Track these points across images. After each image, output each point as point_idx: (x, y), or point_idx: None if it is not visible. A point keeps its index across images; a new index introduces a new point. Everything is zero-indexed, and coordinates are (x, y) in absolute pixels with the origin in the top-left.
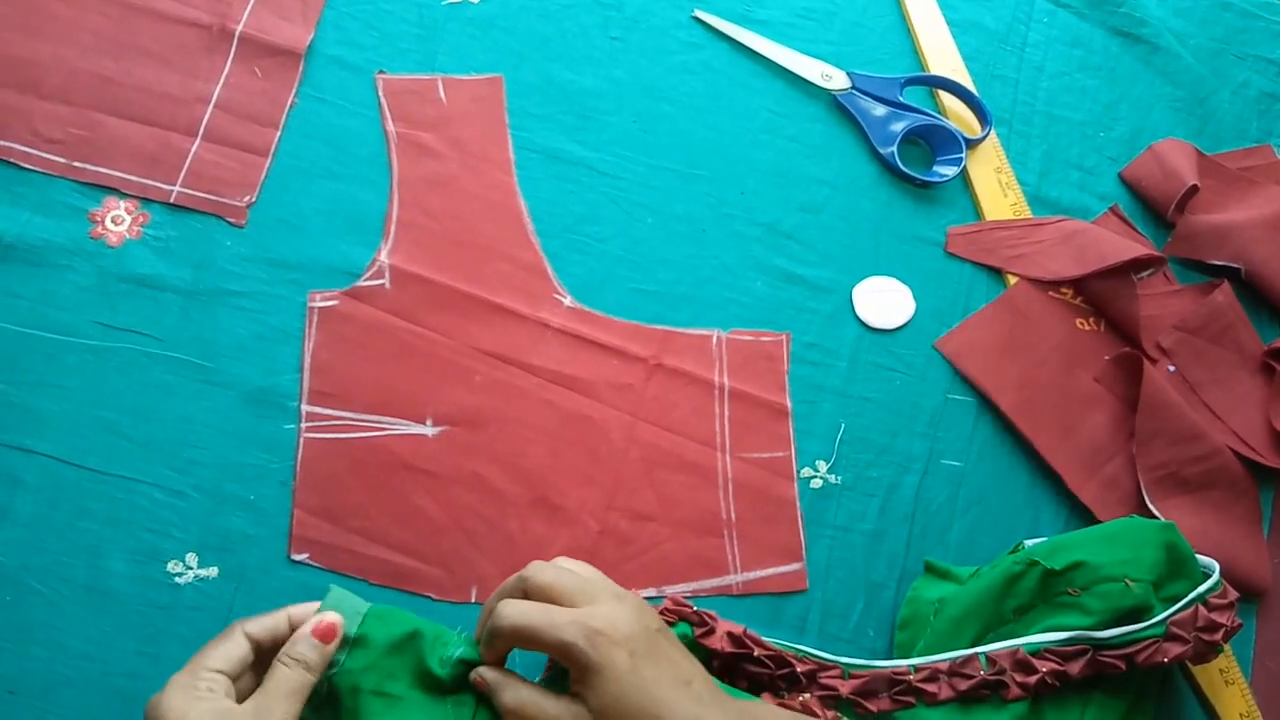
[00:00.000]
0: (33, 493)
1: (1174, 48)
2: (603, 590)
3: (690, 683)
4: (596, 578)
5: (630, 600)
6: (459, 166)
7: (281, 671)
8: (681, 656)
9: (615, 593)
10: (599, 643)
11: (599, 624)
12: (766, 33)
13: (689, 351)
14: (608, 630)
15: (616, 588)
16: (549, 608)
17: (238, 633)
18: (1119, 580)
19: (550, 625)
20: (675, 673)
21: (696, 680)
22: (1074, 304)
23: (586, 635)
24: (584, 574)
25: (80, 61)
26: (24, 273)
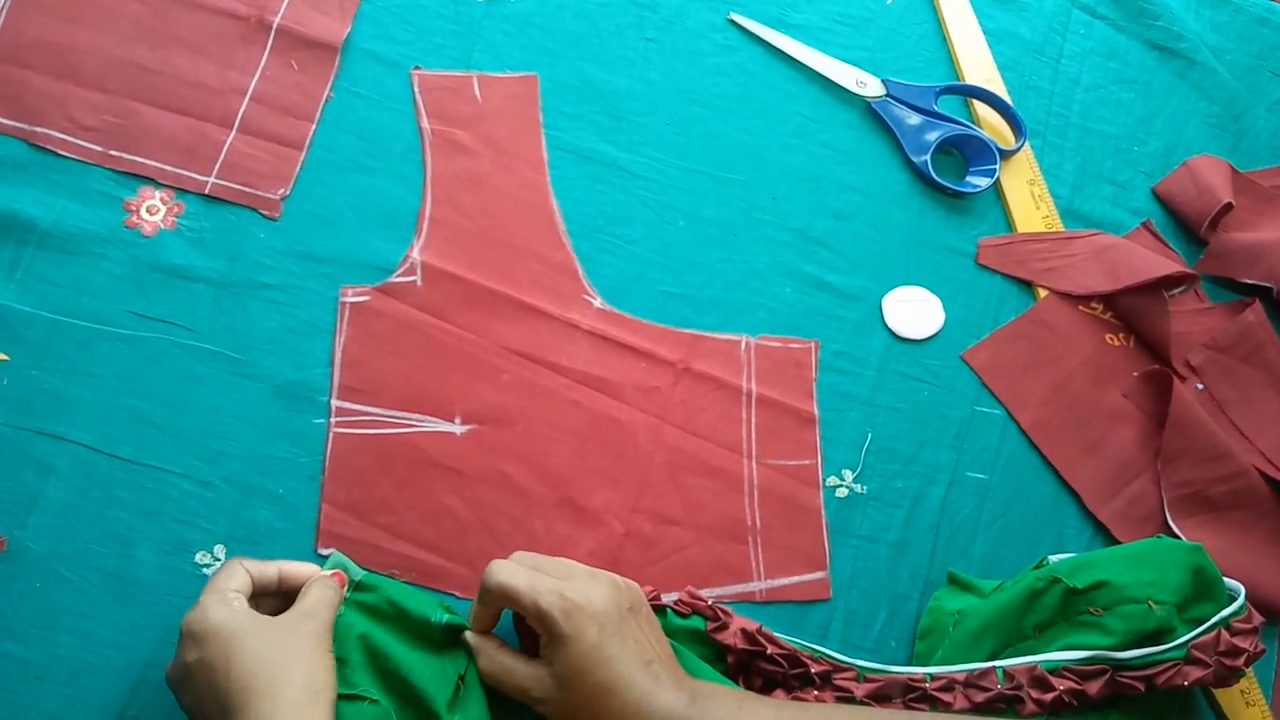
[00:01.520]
0: (63, 480)
1: (1210, 63)
2: (580, 569)
3: (650, 662)
4: (573, 562)
5: (604, 579)
6: (492, 164)
7: (318, 589)
8: (647, 636)
9: (590, 572)
10: (573, 614)
11: (576, 597)
12: (802, 37)
13: (717, 356)
14: (583, 604)
15: (591, 569)
16: (535, 574)
17: (238, 565)
18: (1142, 602)
19: (531, 590)
20: (638, 651)
21: (657, 661)
22: (1104, 319)
23: (562, 606)
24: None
25: (118, 50)
26: (59, 260)
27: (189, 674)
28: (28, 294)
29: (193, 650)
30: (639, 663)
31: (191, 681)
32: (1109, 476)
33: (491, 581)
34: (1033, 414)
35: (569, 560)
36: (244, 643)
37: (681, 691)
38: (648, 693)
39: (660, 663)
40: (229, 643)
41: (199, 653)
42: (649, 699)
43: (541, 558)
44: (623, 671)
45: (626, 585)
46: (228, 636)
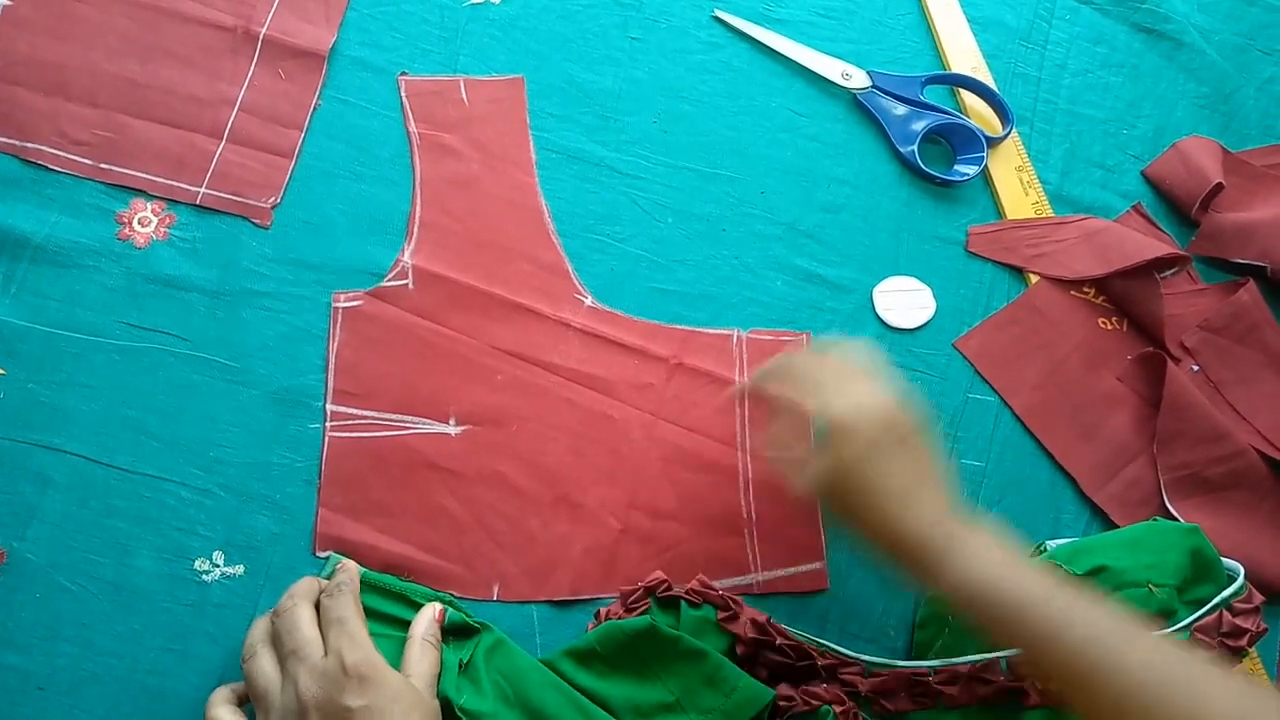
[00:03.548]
0: (62, 491)
1: (1198, 44)
2: (863, 387)
3: (906, 489)
4: (858, 375)
5: (879, 404)
6: (480, 167)
7: (429, 653)
8: (914, 466)
9: (871, 393)
10: (834, 434)
11: (842, 417)
12: (786, 32)
13: (709, 351)
14: (847, 425)
15: (878, 390)
16: (820, 388)
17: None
18: (1142, 585)
19: (791, 386)
20: (895, 478)
21: (916, 489)
22: (1096, 303)
23: (828, 420)
24: (846, 369)
25: (107, 64)
26: (52, 274)
27: None
28: (22, 308)
29: None
30: (892, 486)
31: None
32: (1105, 461)
33: (758, 381)
34: (1026, 400)
35: (862, 373)
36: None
37: (936, 525)
38: (895, 515)
39: (919, 492)
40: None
41: None
42: (896, 520)
43: (834, 365)
44: (872, 492)
45: (903, 416)
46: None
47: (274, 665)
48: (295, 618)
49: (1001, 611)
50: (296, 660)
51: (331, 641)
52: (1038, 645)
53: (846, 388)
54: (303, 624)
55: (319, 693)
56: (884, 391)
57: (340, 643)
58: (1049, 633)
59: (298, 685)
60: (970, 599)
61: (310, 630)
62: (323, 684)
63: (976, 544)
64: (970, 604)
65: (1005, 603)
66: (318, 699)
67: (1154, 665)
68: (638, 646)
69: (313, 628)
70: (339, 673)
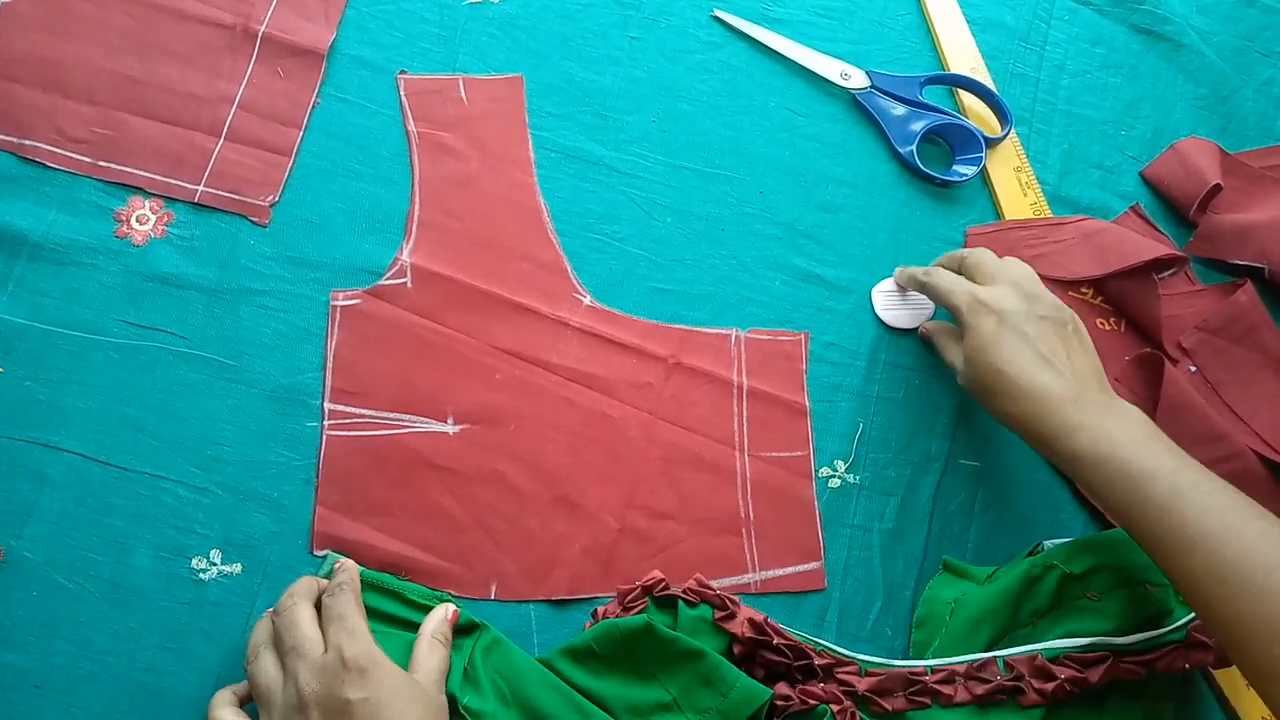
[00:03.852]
0: (59, 489)
1: (1197, 45)
2: (1012, 276)
3: (1048, 359)
4: (1019, 272)
5: (1026, 289)
6: (479, 166)
7: (438, 650)
8: (1060, 342)
9: (1016, 280)
10: (976, 308)
11: (984, 296)
12: (785, 31)
13: (707, 350)
14: (989, 301)
15: (1031, 285)
16: (958, 279)
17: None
18: (1139, 585)
19: (950, 290)
20: (1039, 348)
21: (1059, 360)
22: (1094, 304)
23: (969, 301)
24: (1006, 267)
25: (105, 61)
26: (50, 271)
27: None
28: (20, 306)
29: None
30: (1033, 353)
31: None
32: None
33: (929, 281)
34: None
35: (1015, 270)
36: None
37: (1083, 390)
38: (1033, 376)
39: (1069, 360)
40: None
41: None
42: (1035, 381)
43: (989, 259)
44: (1012, 356)
45: (1055, 306)
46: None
47: (276, 665)
48: (294, 616)
49: (1118, 482)
50: (296, 657)
51: (331, 637)
52: (1156, 515)
53: (1012, 269)
54: (302, 621)
55: (319, 687)
56: (1032, 289)
57: (340, 638)
58: (1167, 502)
59: (298, 681)
60: (1095, 465)
61: (310, 628)
62: (322, 678)
63: (1111, 416)
64: (1092, 470)
65: (1126, 472)
66: (318, 694)
67: (1255, 542)
68: (634, 645)
69: (312, 625)
70: (338, 666)
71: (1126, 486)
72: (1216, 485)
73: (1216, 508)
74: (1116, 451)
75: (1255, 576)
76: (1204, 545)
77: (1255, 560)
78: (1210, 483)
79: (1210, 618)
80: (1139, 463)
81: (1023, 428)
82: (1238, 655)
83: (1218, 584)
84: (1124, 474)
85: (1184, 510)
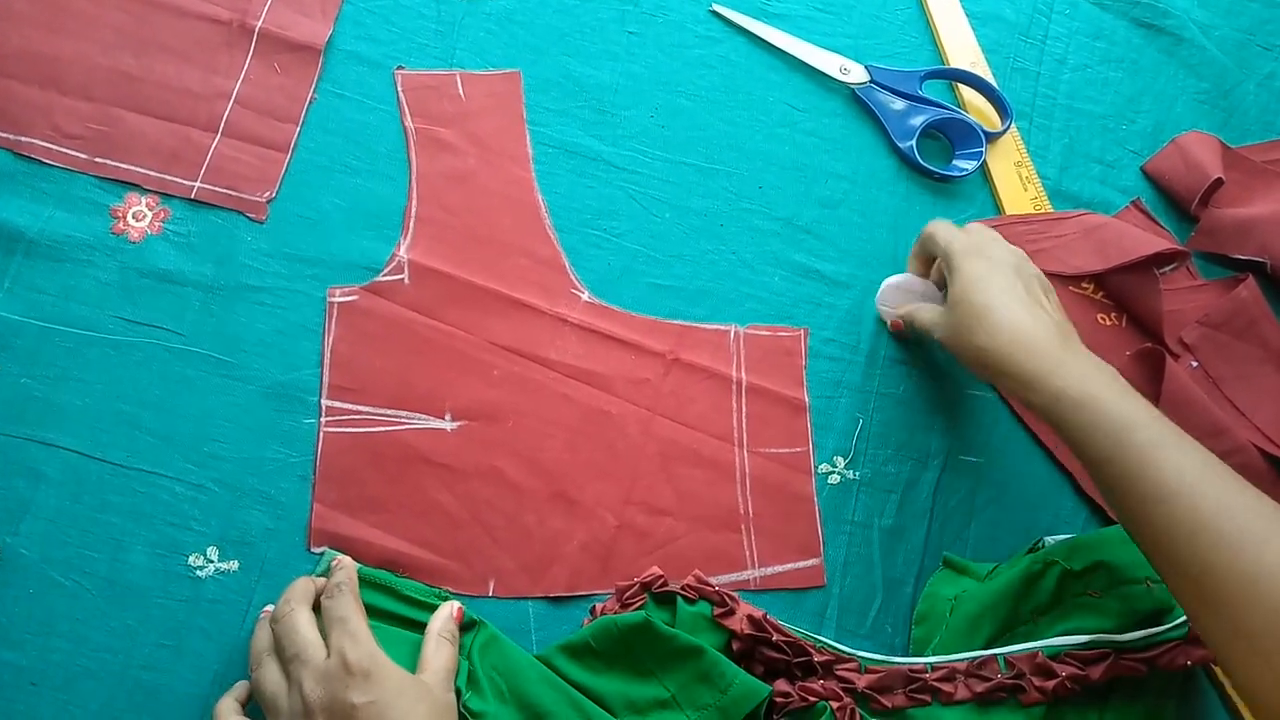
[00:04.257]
0: (55, 486)
1: (1198, 39)
2: (1004, 244)
3: (1035, 305)
4: (1009, 245)
5: (1017, 251)
6: (477, 162)
7: (445, 648)
8: (1044, 292)
9: (1008, 245)
10: (968, 252)
11: (977, 241)
12: (784, 26)
13: (706, 346)
14: (979, 245)
15: (1019, 254)
16: (953, 229)
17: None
18: (1140, 582)
19: (948, 237)
20: (1022, 289)
21: (1043, 310)
22: (1095, 299)
23: (960, 245)
24: (999, 238)
25: (101, 58)
26: (46, 268)
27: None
28: (16, 302)
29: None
30: (1023, 293)
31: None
32: None
33: (926, 229)
34: None
35: (1005, 243)
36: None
37: (1064, 336)
38: (1021, 312)
39: (1045, 309)
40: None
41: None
42: (1022, 317)
43: (985, 232)
44: (1000, 296)
45: (1040, 274)
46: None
47: (279, 672)
48: (293, 622)
49: (1101, 426)
50: (299, 664)
51: (334, 641)
52: (1137, 462)
53: (978, 239)
54: (301, 627)
55: (323, 694)
56: (1014, 249)
57: (342, 642)
58: (1147, 452)
59: (303, 688)
60: (1077, 406)
61: (310, 633)
62: (326, 684)
63: (1093, 363)
64: (1074, 412)
65: (1109, 417)
66: (322, 700)
67: (1232, 499)
68: (633, 642)
69: (312, 630)
70: (342, 671)
71: (1108, 431)
72: (1193, 442)
73: (1195, 462)
74: (1101, 393)
75: (1231, 529)
76: (1183, 495)
77: (1231, 514)
78: (1187, 440)
79: (1179, 571)
80: (1120, 409)
81: (1003, 367)
82: (1204, 611)
83: (1192, 535)
84: (1107, 418)
85: (1164, 461)
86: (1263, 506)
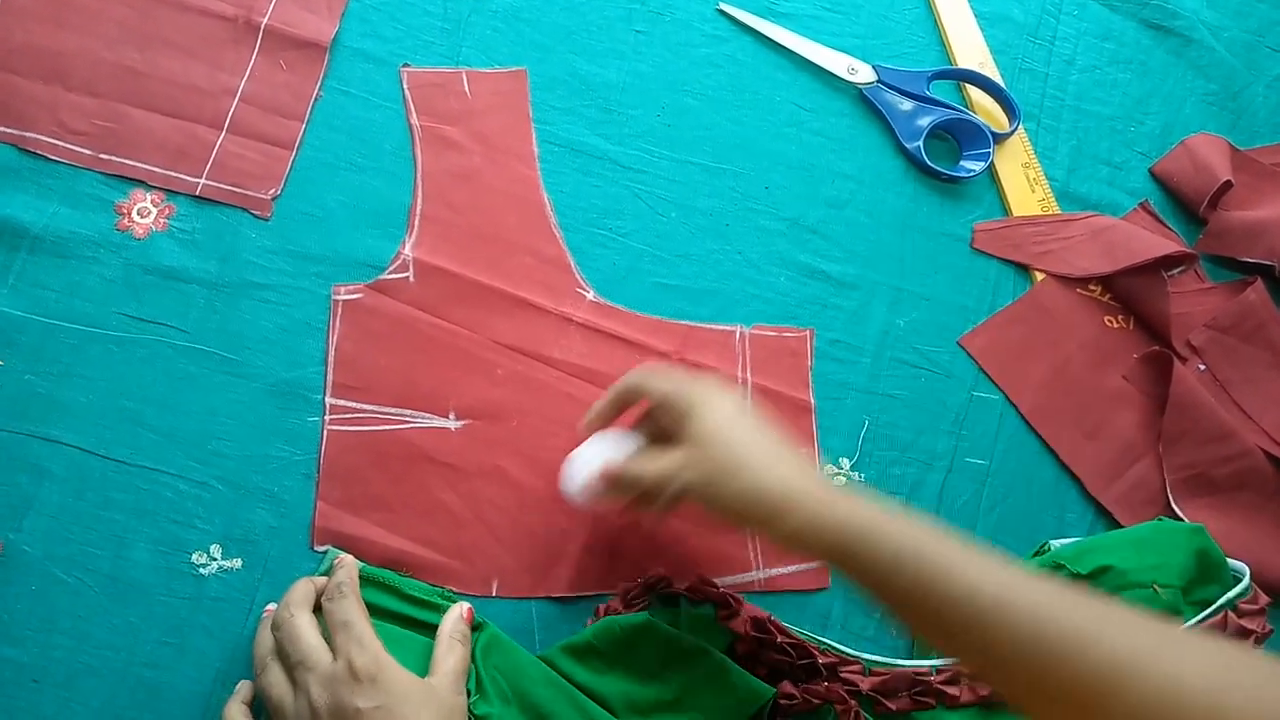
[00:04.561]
0: (58, 483)
1: (1207, 41)
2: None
3: (780, 443)
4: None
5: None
6: (483, 160)
7: (456, 649)
8: (776, 436)
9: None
10: (707, 389)
11: (702, 382)
12: (791, 26)
13: (712, 347)
14: (713, 383)
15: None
16: (670, 375)
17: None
18: (1147, 586)
19: (665, 379)
20: (766, 427)
21: (775, 437)
22: (1103, 301)
23: (693, 388)
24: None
25: (106, 53)
26: (51, 264)
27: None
28: (20, 298)
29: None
30: (771, 434)
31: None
32: (1110, 460)
33: (631, 379)
34: (1032, 398)
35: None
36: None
37: (809, 475)
38: (779, 452)
39: (786, 451)
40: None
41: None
42: (782, 458)
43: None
44: (756, 435)
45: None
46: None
47: (285, 678)
48: (295, 628)
49: (879, 556)
50: (305, 670)
51: (340, 646)
52: (916, 592)
53: (706, 382)
54: (304, 633)
55: (330, 699)
56: None
57: (349, 647)
58: (931, 577)
59: (309, 694)
60: (860, 539)
61: (313, 638)
62: (333, 689)
63: (851, 496)
64: (859, 545)
65: (897, 542)
66: (329, 705)
67: (1042, 608)
68: (636, 643)
69: (315, 634)
70: (348, 677)
71: (902, 558)
72: (988, 556)
73: (1004, 574)
74: (884, 523)
75: (1054, 633)
76: (1002, 607)
77: (1054, 618)
78: (982, 553)
79: (1012, 683)
80: (908, 535)
81: (772, 509)
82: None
83: (1015, 646)
84: (895, 545)
85: (971, 578)
86: (1083, 607)
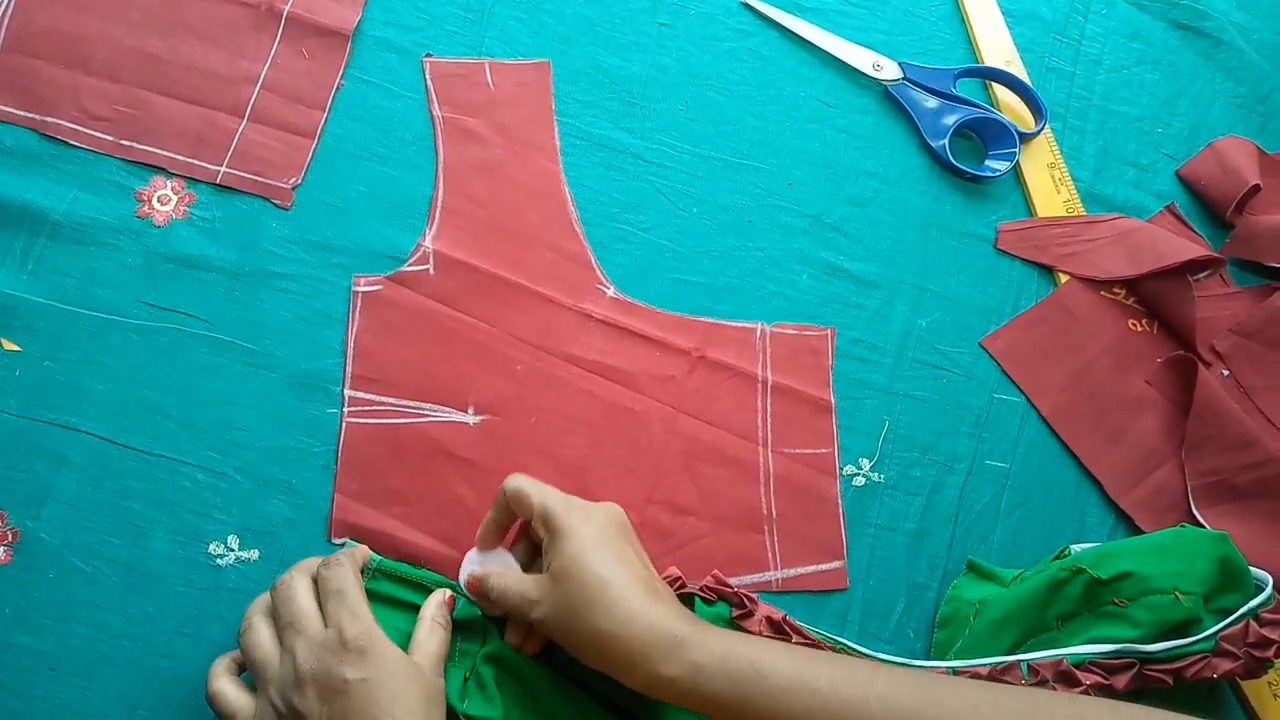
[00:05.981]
0: (77, 471)
1: (1237, 42)
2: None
3: (647, 578)
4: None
5: (612, 507)
6: (505, 152)
7: (438, 633)
8: (636, 555)
9: (602, 504)
10: (574, 511)
11: (577, 503)
12: (817, 20)
13: (732, 344)
14: (583, 506)
15: (607, 506)
16: (545, 485)
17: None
18: (1169, 593)
19: (540, 493)
20: (632, 554)
21: (656, 581)
22: (1127, 304)
23: (564, 505)
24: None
25: (128, 39)
26: (70, 251)
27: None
28: (40, 285)
29: None
30: (634, 563)
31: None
32: (1132, 465)
33: (510, 486)
34: (1053, 401)
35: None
36: None
37: (680, 611)
38: (637, 586)
39: (659, 585)
40: None
41: None
42: (639, 592)
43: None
44: (619, 568)
45: (625, 519)
46: None
47: (271, 638)
48: (292, 589)
49: (768, 686)
50: (294, 632)
51: (331, 614)
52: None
53: (572, 503)
54: (299, 595)
55: (317, 665)
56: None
57: (340, 615)
58: (825, 701)
59: (295, 657)
60: (729, 676)
61: (307, 602)
62: (321, 656)
63: (718, 629)
64: (727, 681)
65: (779, 675)
66: (315, 671)
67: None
68: None
69: (310, 599)
70: (338, 645)
71: (783, 689)
72: (859, 663)
73: (906, 686)
74: (761, 657)
75: None
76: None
77: None
78: (856, 664)
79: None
80: (784, 664)
81: (628, 651)
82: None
83: None
84: (776, 678)
85: (865, 699)
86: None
